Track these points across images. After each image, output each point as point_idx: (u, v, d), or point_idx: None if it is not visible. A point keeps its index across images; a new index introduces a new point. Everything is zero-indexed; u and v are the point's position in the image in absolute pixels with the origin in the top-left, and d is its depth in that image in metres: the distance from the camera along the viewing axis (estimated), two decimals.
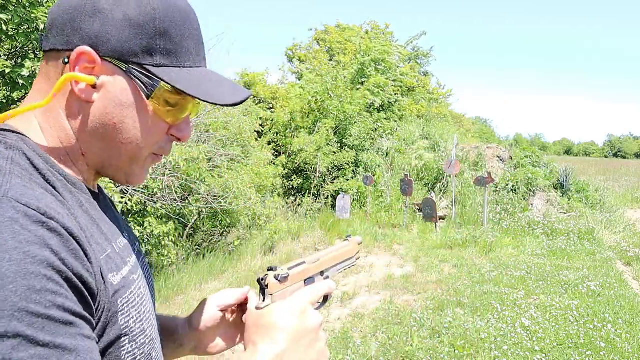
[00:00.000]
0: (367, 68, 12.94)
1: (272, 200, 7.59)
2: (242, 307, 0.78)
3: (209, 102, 0.59)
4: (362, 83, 12.62)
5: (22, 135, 0.54)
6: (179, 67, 0.59)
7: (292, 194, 9.46)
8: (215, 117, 6.38)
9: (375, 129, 11.74)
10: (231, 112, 6.95)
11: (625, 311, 4.39)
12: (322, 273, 0.66)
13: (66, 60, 0.55)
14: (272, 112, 10.48)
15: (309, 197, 9.21)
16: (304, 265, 0.65)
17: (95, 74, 0.55)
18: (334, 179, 9.82)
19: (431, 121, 14.75)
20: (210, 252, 5.89)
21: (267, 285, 0.62)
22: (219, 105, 0.61)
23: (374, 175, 9.78)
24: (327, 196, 9.46)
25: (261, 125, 9.25)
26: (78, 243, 0.47)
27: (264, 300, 0.62)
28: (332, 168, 9.85)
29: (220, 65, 23.63)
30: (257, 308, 0.63)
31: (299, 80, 13.88)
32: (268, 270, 0.64)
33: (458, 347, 3.60)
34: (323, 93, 10.14)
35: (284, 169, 9.16)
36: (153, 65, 0.57)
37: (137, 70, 0.57)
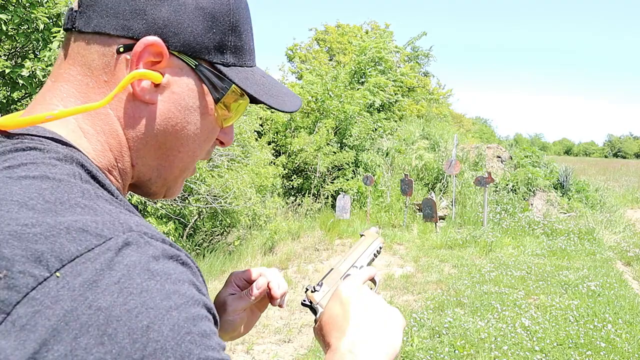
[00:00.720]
0: (365, 67, 12.94)
1: (272, 200, 7.59)
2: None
3: (277, 110, 0.54)
4: (362, 83, 12.62)
5: (68, 143, 0.44)
6: (243, 66, 0.53)
7: (292, 194, 9.46)
8: None
9: (375, 129, 11.74)
10: None
11: (625, 311, 4.39)
12: (354, 268, 0.67)
13: (121, 49, 0.46)
14: (272, 112, 10.48)
15: (309, 197, 9.21)
16: (333, 270, 0.67)
17: (159, 70, 0.47)
18: (334, 179, 9.83)
19: (431, 121, 14.76)
20: (210, 252, 5.90)
21: (310, 302, 0.63)
22: (284, 112, 0.56)
23: (374, 175, 9.78)
24: (327, 196, 9.46)
25: (261, 125, 9.25)
26: (196, 274, 0.42)
27: (316, 314, 0.62)
28: (332, 168, 9.86)
29: None
30: (315, 322, 0.62)
31: (299, 80, 13.89)
32: (305, 291, 0.66)
33: (458, 347, 3.60)
34: (323, 93, 10.15)
35: (284, 169, 9.17)
36: (223, 65, 0.51)
37: (208, 69, 0.50)
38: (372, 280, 0.67)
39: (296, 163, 9.51)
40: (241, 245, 6.37)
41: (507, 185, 10.03)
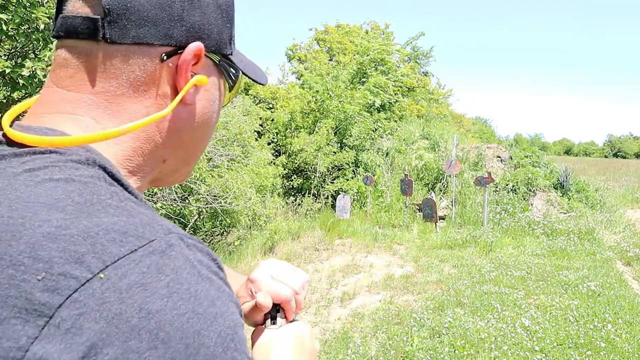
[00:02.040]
0: (367, 68, 12.94)
1: (272, 200, 7.59)
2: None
3: (261, 84, 0.60)
4: (362, 83, 12.62)
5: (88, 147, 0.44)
6: (234, 52, 0.55)
7: (292, 194, 9.47)
8: None
9: (375, 129, 11.74)
10: (231, 112, 6.95)
11: (625, 311, 4.39)
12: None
13: (165, 57, 0.46)
14: (272, 112, 10.49)
15: (309, 197, 9.22)
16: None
17: (197, 72, 0.49)
18: (334, 179, 9.83)
19: (431, 121, 14.75)
20: None
21: (279, 310, 0.66)
22: (263, 84, 0.61)
23: (374, 175, 9.78)
24: (327, 196, 9.46)
25: (261, 125, 9.25)
26: (226, 275, 0.44)
27: (276, 322, 0.65)
28: (332, 168, 9.86)
29: None
30: (274, 324, 0.64)
31: (299, 80, 13.89)
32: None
33: (458, 347, 3.60)
34: (323, 93, 10.15)
35: (284, 169, 9.17)
36: (231, 54, 0.53)
37: (225, 62, 0.53)
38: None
39: (296, 163, 9.51)
40: (241, 245, 6.37)
41: (507, 185, 10.03)
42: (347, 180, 9.76)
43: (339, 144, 10.17)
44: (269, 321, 0.64)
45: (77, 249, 0.33)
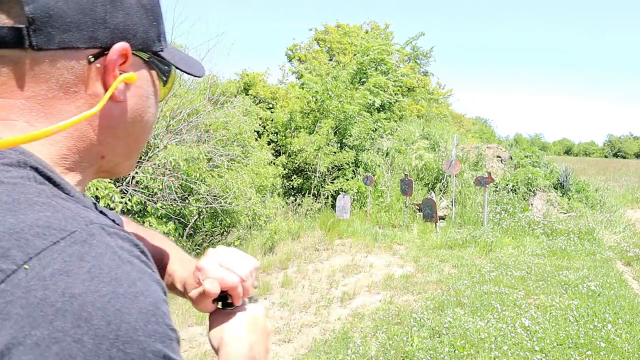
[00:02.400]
0: (367, 68, 12.94)
1: (272, 200, 7.59)
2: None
3: (198, 77, 0.63)
4: (362, 83, 12.62)
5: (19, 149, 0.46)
6: (167, 47, 0.58)
7: (292, 194, 9.46)
8: (215, 117, 6.38)
9: (375, 129, 11.74)
10: (231, 112, 6.95)
11: (625, 311, 4.39)
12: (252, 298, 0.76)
13: (92, 59, 0.48)
14: (272, 112, 10.48)
15: (309, 197, 9.21)
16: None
17: (126, 70, 0.51)
18: (334, 179, 9.83)
19: (431, 121, 14.75)
20: None
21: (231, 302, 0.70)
22: (200, 77, 0.64)
23: (374, 175, 9.78)
24: (327, 196, 9.46)
25: (263, 126, 9.25)
26: (150, 259, 0.46)
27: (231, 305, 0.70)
28: (332, 168, 9.85)
29: (220, 65, 23.65)
30: (230, 306, 0.69)
31: (299, 80, 13.88)
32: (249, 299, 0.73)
33: (458, 347, 3.60)
34: (323, 93, 10.14)
35: (284, 169, 9.17)
36: (161, 51, 0.56)
37: (155, 59, 0.56)
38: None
39: (296, 163, 9.51)
40: (241, 245, 6.37)
41: (507, 185, 10.03)
42: (347, 180, 9.76)
43: (339, 144, 10.17)
44: (220, 304, 0.68)
45: (2, 245, 0.36)
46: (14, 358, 0.33)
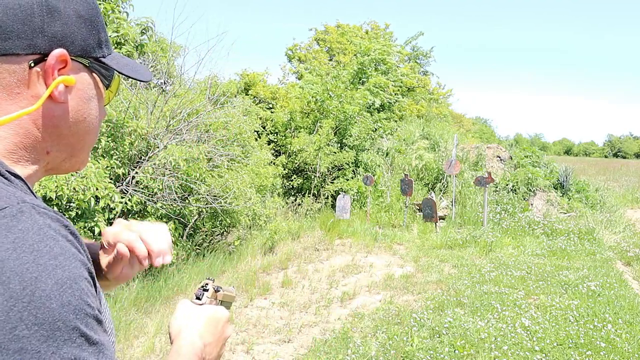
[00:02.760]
0: (367, 68, 12.93)
1: (272, 200, 7.59)
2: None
3: (144, 82, 0.70)
4: (363, 83, 12.61)
5: None
6: (111, 54, 0.64)
7: (292, 194, 9.46)
8: (215, 117, 6.38)
9: (375, 129, 11.74)
10: (231, 112, 6.94)
11: (625, 311, 4.39)
12: (222, 302, 0.85)
13: (32, 64, 0.53)
14: (272, 112, 10.48)
15: (309, 197, 9.21)
16: (222, 291, 0.84)
17: (66, 74, 0.56)
18: (334, 179, 9.83)
19: (431, 121, 14.75)
20: (211, 252, 5.89)
21: (207, 290, 0.79)
22: (145, 81, 0.70)
23: (374, 175, 9.78)
24: (327, 196, 9.46)
25: (262, 126, 9.25)
26: (80, 242, 0.50)
27: (200, 299, 0.77)
28: (332, 168, 9.85)
29: (220, 65, 23.62)
30: (198, 300, 0.77)
31: (299, 80, 13.88)
32: (208, 279, 0.83)
33: (458, 347, 3.60)
34: (323, 93, 10.14)
35: (284, 169, 9.16)
36: (103, 57, 0.62)
37: (96, 64, 0.61)
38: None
39: (296, 163, 9.51)
40: (241, 245, 6.37)
41: (507, 185, 10.03)
42: (347, 180, 9.75)
43: (339, 144, 10.17)
44: (194, 297, 0.77)
45: None
46: None
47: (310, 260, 6.31)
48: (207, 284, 0.81)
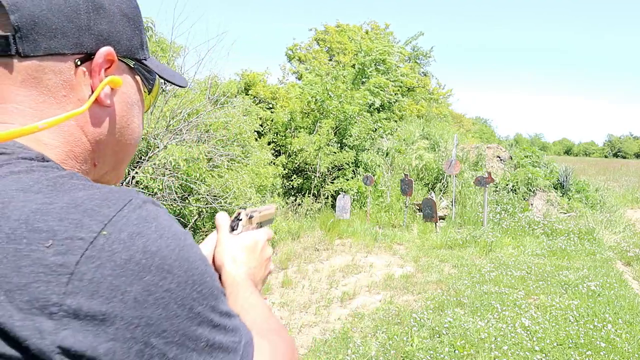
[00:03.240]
0: (368, 68, 12.93)
1: (272, 200, 7.59)
2: None
3: (182, 87, 0.67)
4: (363, 83, 12.61)
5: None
6: (149, 57, 0.60)
7: (292, 194, 9.46)
8: (215, 117, 6.38)
9: (375, 129, 11.74)
10: (231, 112, 6.94)
11: (625, 311, 4.39)
12: (260, 224, 0.87)
13: (78, 63, 0.50)
14: (272, 112, 10.48)
15: (309, 197, 9.21)
16: (257, 214, 0.84)
17: (112, 75, 0.53)
18: (334, 179, 9.82)
19: (431, 121, 14.75)
20: None
21: (241, 219, 0.79)
22: (184, 87, 0.68)
23: (374, 175, 9.77)
24: (327, 196, 9.46)
25: (261, 125, 9.24)
26: None
27: (235, 229, 0.78)
28: (332, 168, 9.85)
29: (220, 65, 23.63)
30: (234, 231, 0.77)
31: (299, 80, 13.88)
32: (241, 208, 0.81)
33: (458, 347, 3.60)
34: (323, 93, 10.14)
35: (284, 169, 9.16)
36: (145, 59, 0.58)
37: (140, 66, 0.58)
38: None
39: (296, 163, 9.51)
40: None
41: (507, 185, 10.03)
42: (347, 180, 9.75)
43: (339, 144, 10.17)
44: (230, 229, 0.77)
45: (72, 217, 0.38)
46: (119, 316, 0.37)
47: (310, 260, 6.31)
48: (239, 213, 0.81)
